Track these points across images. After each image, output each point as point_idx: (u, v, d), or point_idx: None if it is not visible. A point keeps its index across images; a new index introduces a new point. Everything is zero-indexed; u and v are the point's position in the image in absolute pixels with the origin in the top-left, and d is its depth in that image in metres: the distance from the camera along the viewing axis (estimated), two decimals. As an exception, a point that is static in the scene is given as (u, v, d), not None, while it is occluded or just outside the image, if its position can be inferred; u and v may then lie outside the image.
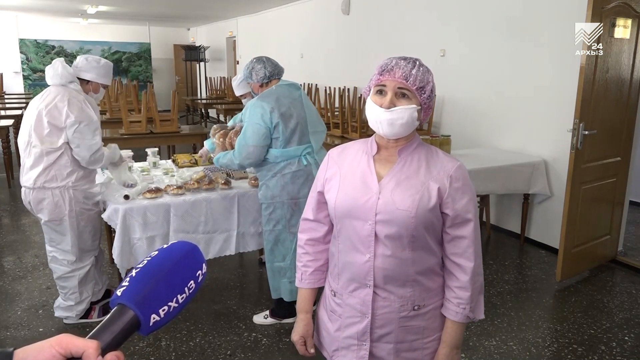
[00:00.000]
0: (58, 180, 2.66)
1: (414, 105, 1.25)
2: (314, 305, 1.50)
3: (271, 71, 2.73)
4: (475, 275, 1.30)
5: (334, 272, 1.40)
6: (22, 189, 2.73)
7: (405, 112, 1.24)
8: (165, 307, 0.62)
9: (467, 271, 1.29)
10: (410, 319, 1.33)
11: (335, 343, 1.42)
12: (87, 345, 0.54)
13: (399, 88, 1.24)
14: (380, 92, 1.26)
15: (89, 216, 2.82)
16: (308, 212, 1.46)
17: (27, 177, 2.67)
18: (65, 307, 2.89)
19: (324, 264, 1.47)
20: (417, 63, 1.26)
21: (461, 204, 1.28)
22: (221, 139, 2.91)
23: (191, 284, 0.65)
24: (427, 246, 1.30)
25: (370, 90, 1.30)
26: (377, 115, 1.26)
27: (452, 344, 1.34)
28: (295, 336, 1.46)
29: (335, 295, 1.40)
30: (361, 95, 5.59)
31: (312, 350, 1.48)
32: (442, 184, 1.27)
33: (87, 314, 2.96)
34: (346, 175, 1.33)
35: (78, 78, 2.76)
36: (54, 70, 2.68)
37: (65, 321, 2.94)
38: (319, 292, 1.51)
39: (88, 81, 2.80)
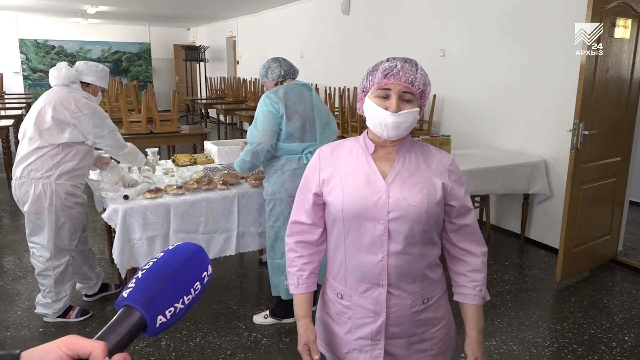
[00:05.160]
0: (42, 171, 2.71)
1: (417, 109, 1.27)
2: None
3: (286, 70, 2.86)
4: (485, 257, 1.37)
5: (339, 275, 1.36)
6: (12, 181, 2.79)
7: (411, 116, 1.26)
8: (172, 308, 0.62)
9: (479, 254, 1.36)
10: (420, 312, 1.35)
11: (346, 346, 1.38)
12: (94, 347, 0.54)
13: (403, 92, 1.24)
14: (385, 96, 1.25)
15: (70, 214, 2.82)
16: (301, 215, 1.39)
17: (18, 168, 2.74)
18: (44, 304, 2.90)
19: (318, 266, 1.43)
20: (419, 66, 1.27)
21: (462, 194, 1.34)
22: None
23: (197, 285, 0.65)
24: (432, 239, 1.34)
25: (367, 91, 1.29)
26: (382, 118, 1.25)
27: (480, 327, 1.37)
28: (300, 345, 1.36)
29: (342, 298, 1.36)
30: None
31: (317, 357, 1.36)
32: (444, 178, 1.32)
33: (65, 313, 2.96)
34: (347, 175, 1.30)
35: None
36: (58, 72, 2.81)
37: (45, 319, 2.95)
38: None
39: (88, 84, 2.93)
